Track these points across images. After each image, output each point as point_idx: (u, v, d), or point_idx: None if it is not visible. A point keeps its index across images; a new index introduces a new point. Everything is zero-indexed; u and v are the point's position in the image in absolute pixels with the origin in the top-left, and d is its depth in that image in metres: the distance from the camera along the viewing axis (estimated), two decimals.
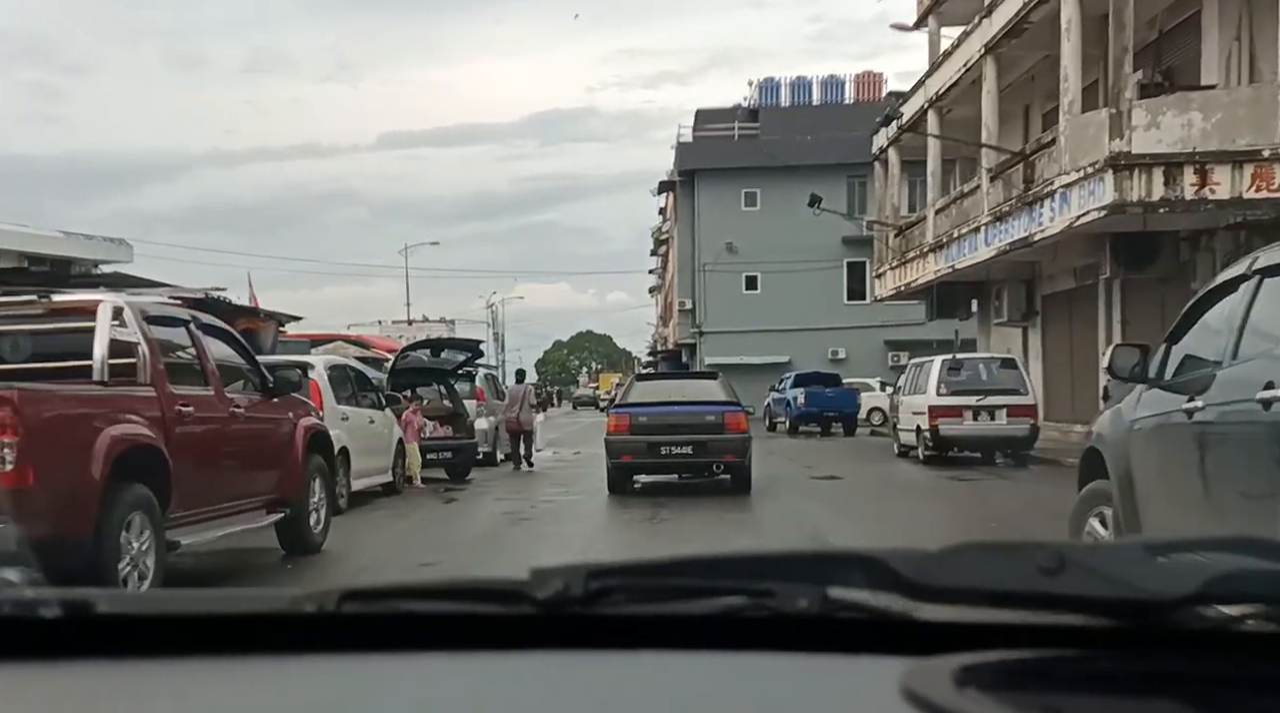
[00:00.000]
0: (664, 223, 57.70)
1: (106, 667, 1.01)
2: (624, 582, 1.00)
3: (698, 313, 43.76)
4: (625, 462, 12.35)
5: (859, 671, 0.95)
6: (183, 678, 0.98)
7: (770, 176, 41.43)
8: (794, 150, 40.40)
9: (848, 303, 42.42)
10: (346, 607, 1.01)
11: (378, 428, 12.26)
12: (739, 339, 41.69)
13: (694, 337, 44.01)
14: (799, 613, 0.97)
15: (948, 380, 15.75)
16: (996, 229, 17.89)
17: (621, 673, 0.97)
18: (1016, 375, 15.89)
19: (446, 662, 1.00)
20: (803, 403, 28.27)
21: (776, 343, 41.42)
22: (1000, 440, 15.73)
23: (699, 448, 12.16)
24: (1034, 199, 16.03)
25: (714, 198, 43.08)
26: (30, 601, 1.04)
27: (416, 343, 13.97)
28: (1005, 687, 0.87)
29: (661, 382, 15.21)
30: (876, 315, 42.08)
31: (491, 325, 77.43)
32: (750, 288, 42.82)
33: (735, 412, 12.45)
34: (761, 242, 41.48)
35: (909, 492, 13.16)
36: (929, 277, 21.98)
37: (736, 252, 42.58)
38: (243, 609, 1.10)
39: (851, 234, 42.11)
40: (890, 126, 21.83)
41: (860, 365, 37.73)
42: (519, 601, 0.99)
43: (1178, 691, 0.89)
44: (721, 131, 44.00)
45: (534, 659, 0.99)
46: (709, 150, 43.51)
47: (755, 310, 41.93)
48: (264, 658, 1.01)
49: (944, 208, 21.40)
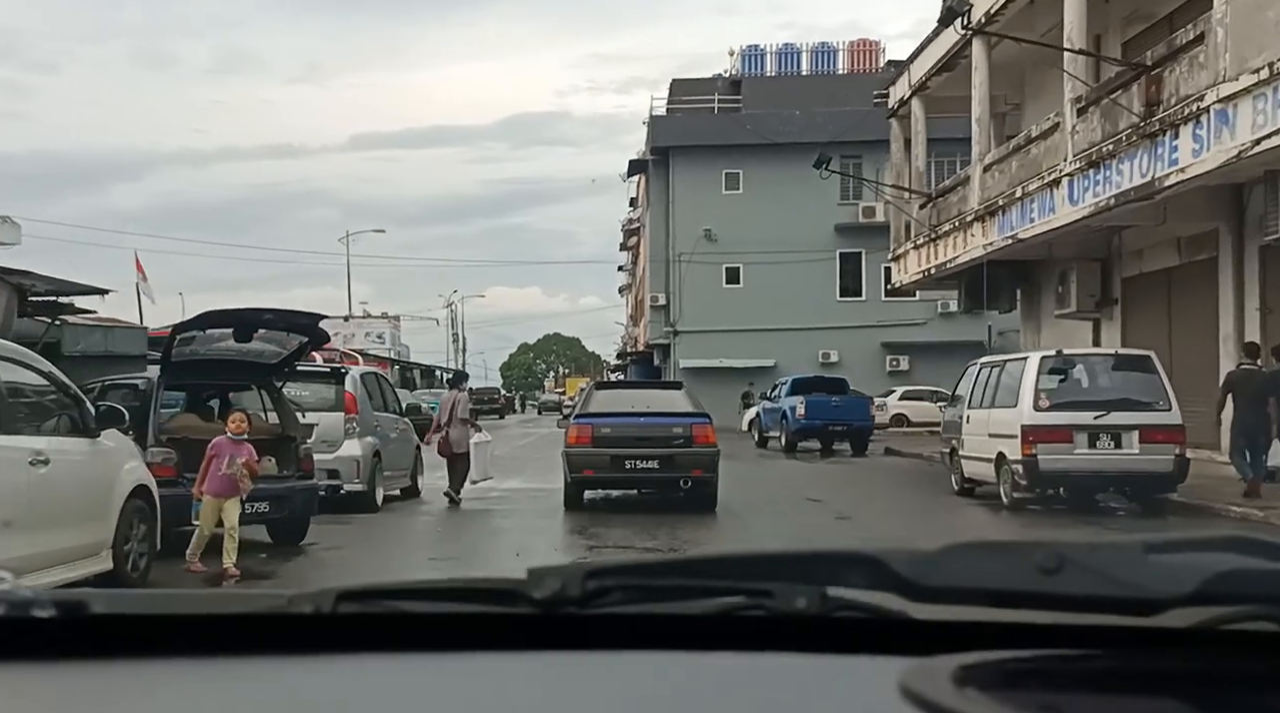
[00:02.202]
0: (635, 212, 52.60)
1: (102, 668, 1.00)
2: (622, 582, 1.00)
3: (672, 310, 39.07)
4: (587, 476, 11.68)
5: (858, 671, 0.96)
6: (178, 679, 0.98)
7: (754, 155, 37.17)
8: (780, 126, 35.78)
9: (840, 300, 38.66)
10: (343, 607, 1.01)
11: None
12: (718, 339, 37.45)
13: (668, 337, 39.32)
14: (797, 613, 0.97)
15: (1050, 388, 10.71)
16: (1089, 179, 12.96)
17: (619, 673, 0.98)
18: (1152, 382, 10.76)
19: (443, 662, 1.00)
20: (802, 415, 23.21)
21: (760, 344, 37.37)
22: (1131, 478, 10.73)
23: (666, 462, 11.54)
24: (1164, 127, 11.10)
25: (690, 179, 38.50)
26: (25, 600, 1.03)
27: (203, 316, 8.02)
28: (1004, 686, 0.87)
29: (623, 391, 14.42)
30: (873, 314, 38.22)
31: (451, 326, 73.83)
32: (731, 282, 38.61)
33: (704, 424, 11.88)
34: (744, 229, 37.30)
35: None
36: (975, 253, 17.02)
37: (716, 240, 38.31)
38: (238, 610, 1.09)
39: (846, 222, 37.90)
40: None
41: (854, 370, 33.03)
42: (516, 601, 1.00)
43: (1177, 690, 0.91)
44: (700, 104, 39.06)
45: (531, 659, 0.99)
46: (685, 125, 38.73)
47: (737, 307, 37.74)
48: (260, 658, 1.01)
49: (999, 161, 16.43)
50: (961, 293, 20.21)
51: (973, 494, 12.48)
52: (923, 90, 20.01)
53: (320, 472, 10.27)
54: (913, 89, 20.26)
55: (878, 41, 40.15)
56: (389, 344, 49.74)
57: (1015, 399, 10.89)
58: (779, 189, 37.35)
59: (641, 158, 41.64)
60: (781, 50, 39.90)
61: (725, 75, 41.07)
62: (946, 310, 38.05)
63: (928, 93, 20.00)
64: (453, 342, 75.21)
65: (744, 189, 38.28)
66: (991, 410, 11.57)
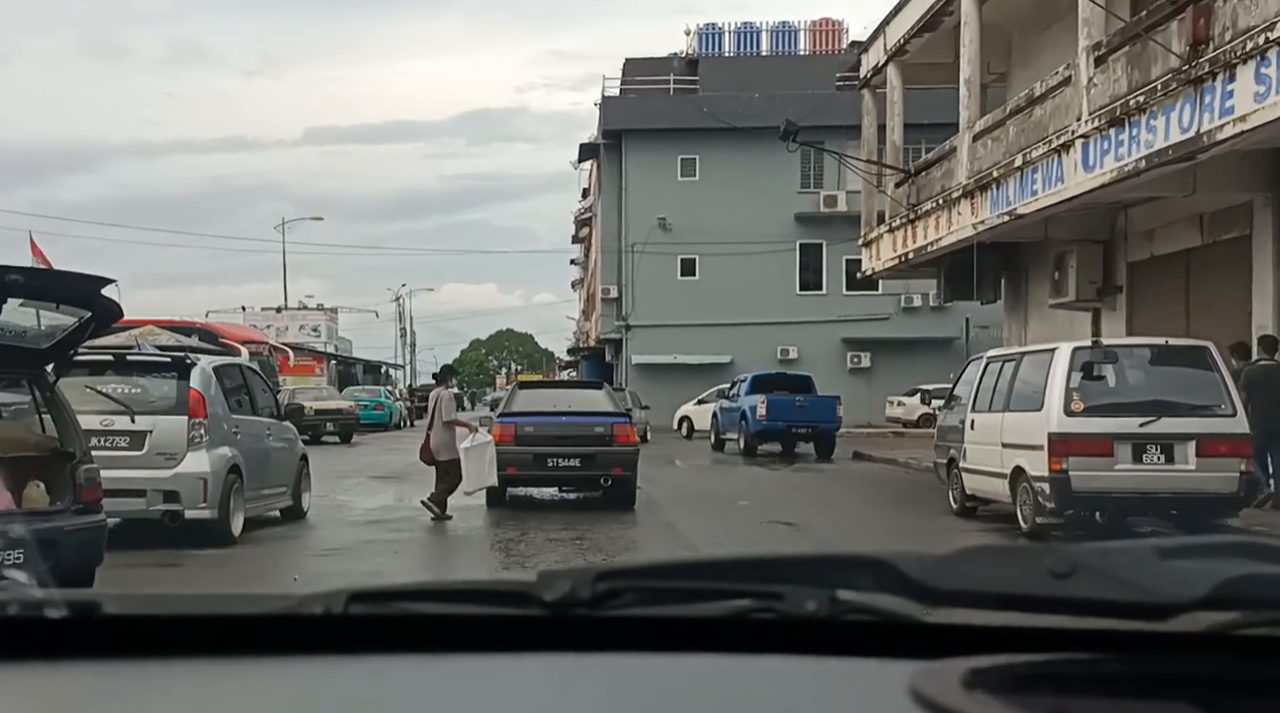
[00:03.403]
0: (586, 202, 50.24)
1: (113, 667, 1.01)
2: (632, 584, 1.01)
3: (624, 303, 37.00)
4: (510, 474, 11.78)
5: (868, 673, 0.96)
6: (189, 679, 0.98)
7: (711, 140, 35.35)
8: (739, 108, 33.86)
9: (800, 293, 37.04)
10: (353, 608, 1.01)
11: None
12: (672, 334, 35.56)
13: (619, 331, 37.24)
14: (807, 616, 0.97)
15: (1084, 387, 8.58)
16: (1110, 140, 10.92)
17: (629, 675, 0.98)
18: (1210, 381, 8.54)
19: (454, 663, 1.00)
20: (763, 415, 21.23)
21: (717, 339, 35.65)
22: (1185, 500, 8.62)
23: (587, 461, 11.92)
24: (1216, 69, 9.07)
25: (644, 165, 36.45)
26: (37, 601, 1.03)
27: None
28: (1015, 690, 0.87)
29: (546, 390, 14.92)
30: (834, 309, 36.49)
31: (399, 320, 71.55)
32: (687, 274, 36.69)
33: (624, 423, 12.42)
34: (700, 218, 35.44)
35: None
36: (963, 233, 14.96)
37: (670, 229, 36.40)
38: (249, 610, 1.09)
39: (807, 211, 36.08)
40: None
41: (814, 367, 31.18)
42: (527, 602, 1.00)
43: (1188, 694, 0.90)
44: (654, 85, 36.87)
45: (542, 661, 0.99)
46: (639, 107, 36.58)
47: (692, 301, 35.91)
48: (271, 659, 1.01)
49: (993, 128, 14.38)
50: (941, 281, 18.20)
51: (975, 515, 10.38)
52: (900, 55, 17.93)
53: (153, 494, 7.91)
54: (889, 53, 18.17)
55: (841, 21, 38.26)
56: (325, 337, 46.98)
57: (1039, 401, 8.72)
58: (737, 176, 35.53)
59: (593, 142, 39.33)
60: (740, 29, 37.85)
61: (681, 55, 38.88)
62: (910, 305, 36.47)
63: (906, 58, 17.94)
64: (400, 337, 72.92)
65: (700, 176, 36.42)
66: (1005, 414, 9.40)
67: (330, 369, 43.40)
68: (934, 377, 34.98)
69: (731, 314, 35.16)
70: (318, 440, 25.89)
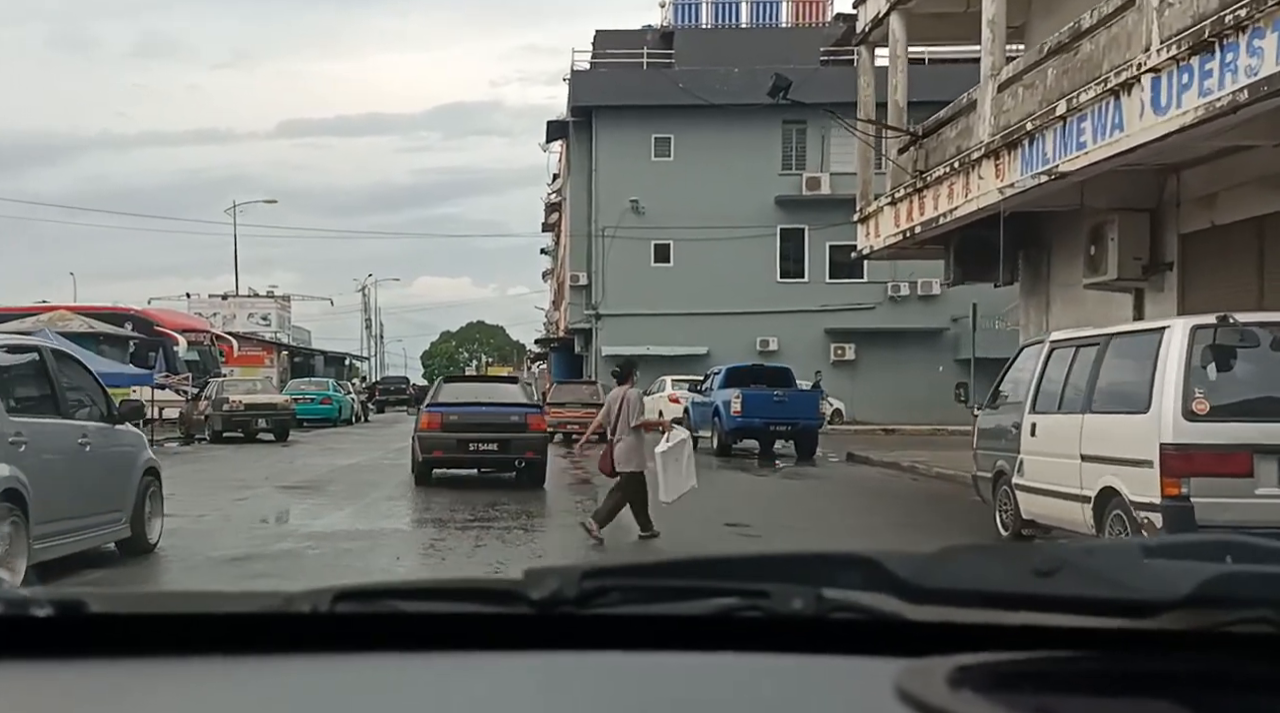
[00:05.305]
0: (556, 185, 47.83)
1: (99, 667, 0.99)
2: (618, 582, 1.00)
3: (594, 290, 34.82)
4: (436, 456, 13.52)
5: (854, 671, 0.95)
6: (176, 678, 0.98)
7: (687, 118, 33.35)
8: (717, 84, 31.70)
9: (781, 281, 35.23)
10: (340, 607, 1.00)
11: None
12: (645, 324, 33.51)
13: (589, 321, 35.01)
14: (794, 614, 0.97)
15: (1209, 382, 6.30)
16: (1192, 73, 8.71)
17: (616, 674, 0.97)
18: None
19: (441, 662, 0.99)
20: (738, 411, 19.07)
21: (692, 329, 33.63)
22: None
23: (504, 445, 13.47)
24: None
25: (616, 143, 34.30)
26: (23, 599, 1.02)
27: None
28: (1000, 688, 0.87)
29: (468, 384, 16.95)
30: (816, 298, 34.49)
31: (365, 310, 69.24)
32: (661, 260, 34.68)
33: (536, 413, 14.25)
34: (675, 201, 33.40)
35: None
36: (986, 200, 12.74)
37: (643, 213, 34.32)
38: (236, 609, 1.07)
39: (788, 194, 34.04)
40: None
41: (795, 359, 29.20)
42: (513, 601, 0.99)
43: (1171, 692, 0.90)
44: (627, 59, 34.56)
45: (528, 660, 0.98)
46: (610, 82, 34.28)
47: (666, 288, 33.85)
48: (258, 658, 1.00)
49: (1025, 72, 12.12)
50: (950, 261, 15.96)
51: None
52: (904, 3, 15.72)
53: None
54: (891, 2, 15.95)
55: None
56: (276, 326, 44.32)
57: (1143, 400, 6.33)
58: (714, 156, 33.47)
59: (562, 119, 36.97)
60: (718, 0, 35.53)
61: (656, 27, 36.55)
62: (897, 294, 34.47)
63: (910, 5, 15.72)
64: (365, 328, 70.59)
65: (675, 156, 34.33)
66: (1086, 416, 7.07)
67: (282, 360, 40.84)
68: (920, 371, 33.28)
69: (708, 303, 33.26)
70: (252, 439, 23.46)
